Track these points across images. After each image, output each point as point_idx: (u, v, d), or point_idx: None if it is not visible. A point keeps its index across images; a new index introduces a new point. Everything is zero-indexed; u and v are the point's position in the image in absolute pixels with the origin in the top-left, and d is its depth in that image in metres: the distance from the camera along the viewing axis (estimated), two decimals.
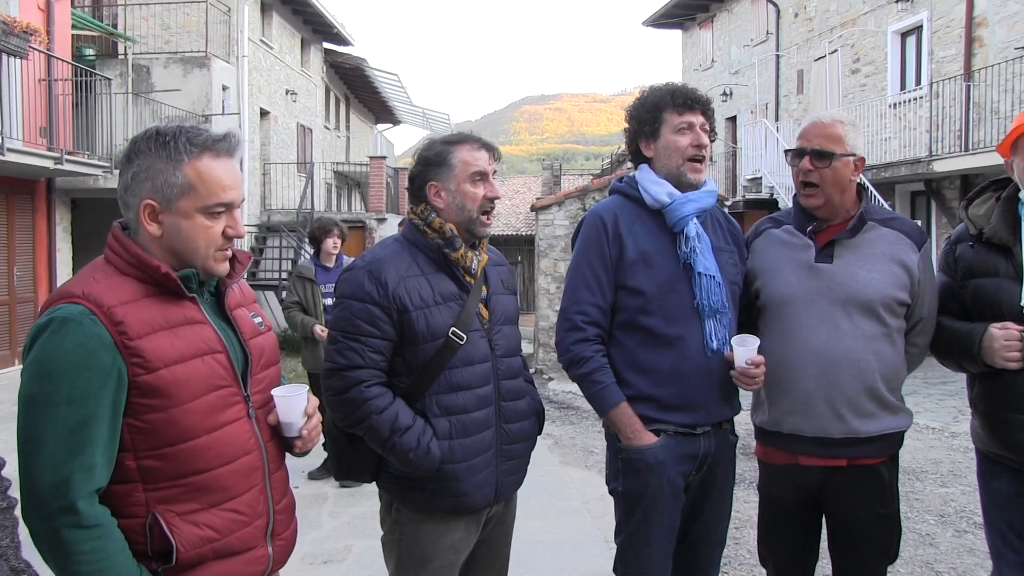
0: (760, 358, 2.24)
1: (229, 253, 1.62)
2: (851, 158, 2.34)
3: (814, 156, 2.34)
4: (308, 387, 1.71)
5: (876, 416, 2.31)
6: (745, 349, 2.23)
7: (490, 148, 2.22)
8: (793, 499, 2.41)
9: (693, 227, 2.32)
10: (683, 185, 2.34)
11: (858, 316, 2.30)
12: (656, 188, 2.35)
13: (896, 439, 2.39)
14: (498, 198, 2.22)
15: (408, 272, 2.13)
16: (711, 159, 2.51)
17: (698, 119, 2.34)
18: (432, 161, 2.20)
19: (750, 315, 2.47)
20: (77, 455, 1.39)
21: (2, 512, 1.00)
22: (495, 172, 2.24)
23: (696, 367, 2.28)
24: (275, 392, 1.66)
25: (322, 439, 1.91)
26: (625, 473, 2.32)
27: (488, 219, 2.20)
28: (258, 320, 1.74)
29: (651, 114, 2.37)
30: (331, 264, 5.59)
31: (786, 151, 2.48)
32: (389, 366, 2.14)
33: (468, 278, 2.19)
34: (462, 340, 2.11)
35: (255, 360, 1.66)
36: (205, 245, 1.56)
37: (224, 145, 1.59)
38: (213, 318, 1.62)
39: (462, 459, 2.12)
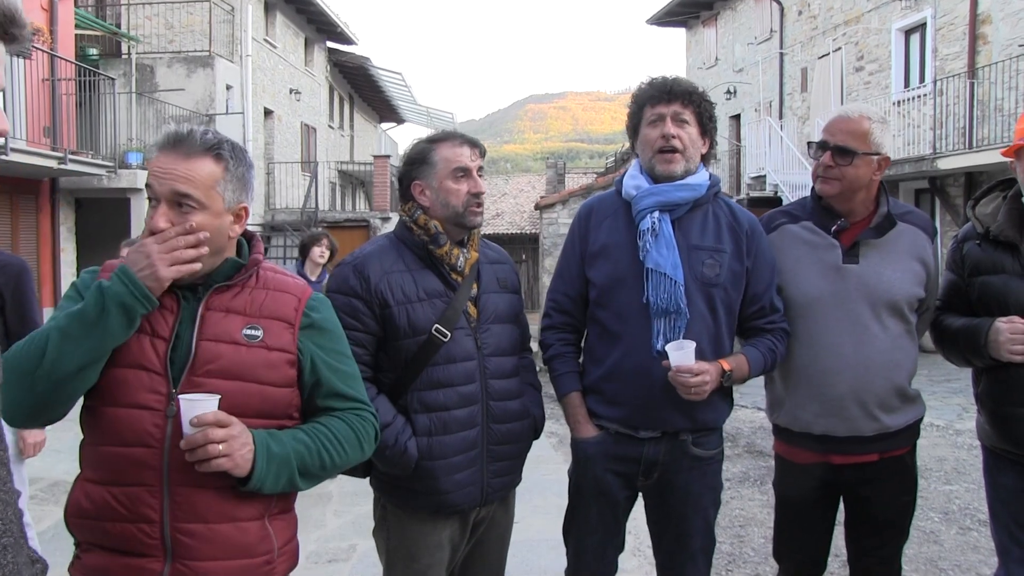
0: (695, 366, 2.09)
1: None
2: (875, 157, 2.28)
3: (836, 152, 2.29)
4: (220, 398, 1.52)
5: (902, 409, 2.35)
6: (679, 354, 2.09)
7: (473, 143, 2.21)
8: (818, 496, 2.42)
9: (649, 220, 2.22)
10: (658, 178, 2.28)
11: (887, 317, 2.29)
12: (630, 181, 2.33)
13: (917, 427, 2.43)
14: (482, 193, 2.19)
15: (393, 268, 2.14)
16: (715, 157, 2.45)
17: (670, 109, 2.25)
18: (415, 160, 2.21)
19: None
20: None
21: (9, 505, 1.01)
22: (480, 168, 2.21)
23: (638, 367, 2.22)
24: (183, 396, 1.50)
25: None
26: (572, 460, 2.40)
27: (478, 209, 2.18)
28: (250, 333, 1.61)
29: (634, 109, 2.36)
30: (314, 277, 5.66)
31: (808, 143, 2.45)
32: (375, 361, 2.15)
33: (455, 275, 2.17)
34: (446, 337, 2.10)
35: (200, 361, 1.56)
36: (146, 232, 1.60)
37: (169, 138, 1.58)
38: (186, 310, 1.59)
39: (440, 456, 2.10)
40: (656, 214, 2.23)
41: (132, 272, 1.50)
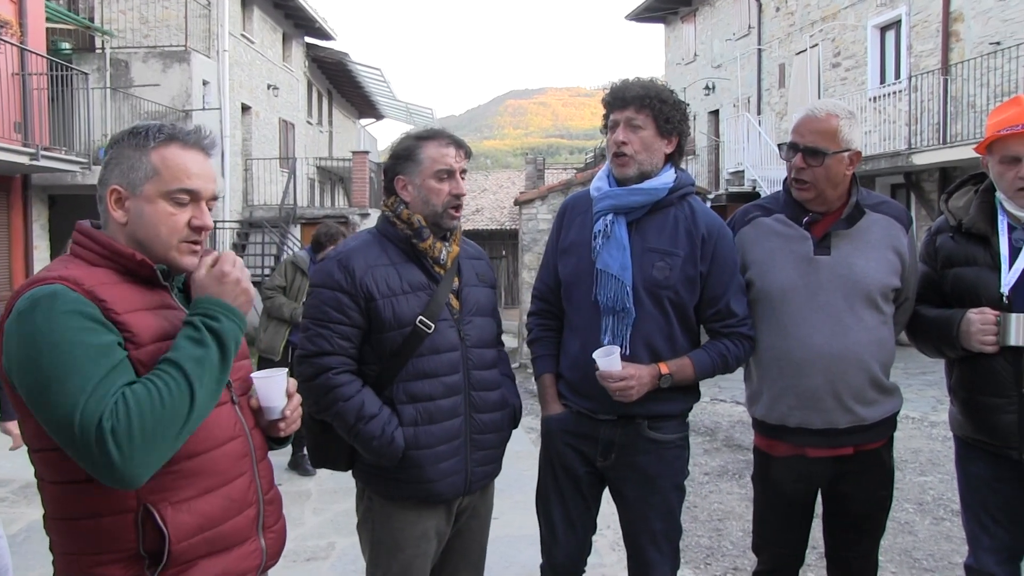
0: (617, 372, 2.19)
1: (198, 248, 1.59)
2: (845, 154, 2.28)
3: (806, 154, 2.29)
4: (287, 370, 1.71)
5: (878, 402, 2.35)
6: (605, 360, 2.19)
7: (459, 144, 2.25)
8: (796, 490, 2.43)
9: (602, 223, 2.31)
10: (618, 180, 2.35)
11: (860, 308, 2.29)
12: (596, 183, 2.42)
13: (893, 421, 2.44)
14: (463, 195, 2.24)
15: (377, 261, 2.18)
16: (694, 152, 2.48)
17: (623, 115, 2.30)
18: (401, 155, 2.25)
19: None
20: (108, 372, 1.35)
21: None
22: (464, 170, 2.26)
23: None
24: (255, 375, 1.66)
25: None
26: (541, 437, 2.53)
27: (456, 212, 2.24)
28: None
29: (604, 113, 2.43)
30: None
31: (779, 145, 2.47)
32: (359, 354, 2.18)
33: (438, 268, 2.23)
34: (430, 329, 2.16)
35: None
36: (167, 233, 1.53)
37: (194, 137, 1.58)
38: (185, 308, 1.60)
39: (426, 446, 2.14)
40: (610, 217, 2.32)
41: (232, 306, 1.51)
